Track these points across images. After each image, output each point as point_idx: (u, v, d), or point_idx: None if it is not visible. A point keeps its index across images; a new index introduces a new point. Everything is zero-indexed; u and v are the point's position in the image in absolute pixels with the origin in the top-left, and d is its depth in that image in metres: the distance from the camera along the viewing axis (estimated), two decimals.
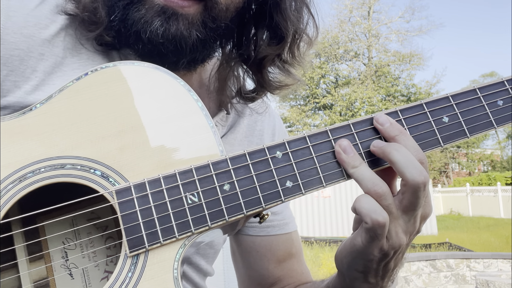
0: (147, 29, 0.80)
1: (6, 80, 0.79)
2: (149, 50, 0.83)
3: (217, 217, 0.70)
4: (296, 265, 1.14)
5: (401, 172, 0.71)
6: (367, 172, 0.73)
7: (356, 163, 0.73)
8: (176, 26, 0.81)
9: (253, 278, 1.14)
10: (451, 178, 39.19)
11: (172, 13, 0.81)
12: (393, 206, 0.72)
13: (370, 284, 0.80)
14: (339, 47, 33.04)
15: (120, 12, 0.82)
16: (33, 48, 0.80)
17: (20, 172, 0.69)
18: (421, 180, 0.70)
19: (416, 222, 0.75)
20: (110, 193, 0.69)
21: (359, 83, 32.29)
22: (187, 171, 0.71)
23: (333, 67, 33.63)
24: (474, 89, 0.83)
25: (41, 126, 0.71)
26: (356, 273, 0.79)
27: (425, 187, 0.71)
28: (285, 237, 1.12)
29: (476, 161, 40.80)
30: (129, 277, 0.67)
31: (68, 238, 0.76)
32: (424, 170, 0.71)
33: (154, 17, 0.80)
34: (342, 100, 31.55)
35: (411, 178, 0.70)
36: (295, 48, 0.99)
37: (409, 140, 0.75)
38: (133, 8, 0.81)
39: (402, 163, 0.71)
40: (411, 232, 0.75)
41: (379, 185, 0.71)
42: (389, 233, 0.72)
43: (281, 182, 0.73)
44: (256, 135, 1.10)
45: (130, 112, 0.73)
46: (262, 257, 1.11)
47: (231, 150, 1.01)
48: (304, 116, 32.62)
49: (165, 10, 0.80)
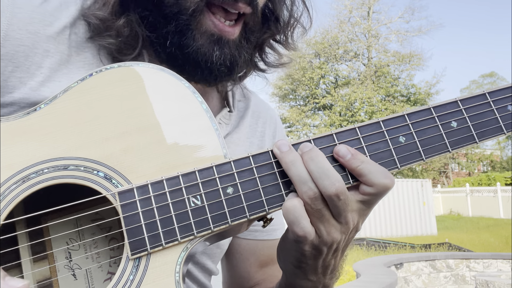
0: (209, 58, 0.85)
1: (12, 76, 0.79)
2: (208, 73, 0.88)
3: (220, 220, 0.70)
4: (277, 271, 1.13)
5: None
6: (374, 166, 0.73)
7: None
8: (230, 52, 0.87)
9: (234, 278, 1.16)
10: (450, 178, 39.19)
11: (227, 41, 0.86)
12: (325, 209, 0.71)
13: (312, 282, 0.80)
14: (339, 47, 33.00)
15: (176, 37, 0.84)
16: (38, 45, 0.81)
17: (23, 172, 0.69)
18: (332, 191, 0.69)
19: (348, 223, 0.73)
20: (113, 195, 0.69)
21: (358, 83, 32.26)
22: (190, 173, 0.71)
23: (333, 67, 33.60)
24: (483, 94, 0.82)
25: (45, 127, 0.71)
26: (292, 268, 0.79)
27: (338, 198, 0.69)
28: (271, 243, 1.12)
29: (476, 161, 40.79)
30: (131, 280, 0.67)
31: (72, 239, 0.76)
32: (341, 180, 0.70)
33: (211, 45, 0.85)
34: (342, 101, 31.51)
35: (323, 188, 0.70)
36: (289, 32, 1.02)
37: (373, 167, 0.73)
38: (189, 35, 0.84)
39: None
40: (344, 231, 0.74)
41: (311, 188, 0.70)
42: (320, 232, 0.72)
43: (284, 185, 0.73)
44: (257, 136, 1.11)
45: (134, 114, 0.73)
46: (244, 260, 1.12)
47: (237, 150, 1.02)
48: (304, 116, 32.59)
49: (219, 38, 0.85)
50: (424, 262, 9.09)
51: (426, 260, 9.12)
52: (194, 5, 0.82)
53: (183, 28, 0.83)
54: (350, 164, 0.73)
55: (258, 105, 1.15)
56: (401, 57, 32.59)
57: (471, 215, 23.93)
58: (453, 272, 9.14)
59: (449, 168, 39.83)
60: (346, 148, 0.74)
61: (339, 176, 0.70)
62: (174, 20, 0.83)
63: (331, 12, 33.58)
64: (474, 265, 9.12)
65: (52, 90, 0.80)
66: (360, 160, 0.72)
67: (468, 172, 40.93)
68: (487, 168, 41.90)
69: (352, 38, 33.68)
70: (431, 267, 9.10)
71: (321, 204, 0.70)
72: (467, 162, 40.64)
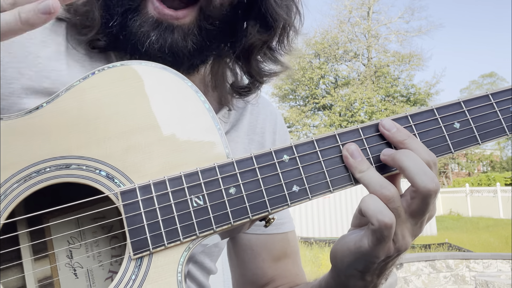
0: (144, 42, 0.81)
1: (9, 67, 0.79)
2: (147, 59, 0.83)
3: (222, 220, 0.70)
4: (290, 265, 1.13)
5: (412, 179, 0.70)
6: (374, 175, 0.72)
7: (363, 167, 0.73)
8: (172, 38, 0.82)
9: (247, 277, 1.14)
10: (450, 178, 39.19)
11: (167, 26, 0.81)
12: (401, 209, 0.71)
13: (366, 282, 0.79)
14: (339, 47, 33.00)
15: (119, 19, 0.82)
16: (34, 35, 0.81)
17: (25, 171, 0.69)
18: (432, 187, 0.69)
19: (422, 225, 0.74)
20: (115, 194, 0.69)
21: (358, 83, 32.26)
22: (193, 173, 0.71)
23: (333, 67, 33.60)
24: (486, 95, 0.82)
25: (46, 126, 0.71)
26: (355, 272, 0.78)
27: (436, 194, 0.70)
28: (281, 237, 1.12)
29: (476, 161, 40.78)
30: (133, 279, 0.67)
31: (74, 238, 0.76)
32: (435, 177, 0.70)
33: (149, 30, 0.81)
34: (342, 101, 31.51)
35: (422, 185, 0.69)
36: (285, 37, 0.99)
37: (418, 144, 0.74)
38: (130, 17, 0.81)
39: (412, 170, 0.70)
40: (416, 235, 0.75)
41: (388, 188, 0.70)
42: (396, 236, 0.71)
43: (287, 186, 0.73)
44: (257, 133, 1.10)
45: (136, 113, 0.73)
46: (256, 255, 1.11)
47: (235, 148, 1.02)
48: (304, 116, 32.58)
49: (159, 23, 0.81)
50: (424, 262, 9.09)
51: (426, 260, 9.12)
52: None
53: (126, 10, 0.81)
54: (395, 136, 0.74)
55: (258, 101, 1.14)
56: (401, 57, 32.59)
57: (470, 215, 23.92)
58: (453, 272, 9.14)
59: (449, 168, 39.84)
60: (392, 122, 0.75)
61: (432, 173, 0.70)
62: (121, 1, 0.81)
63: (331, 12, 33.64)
64: (474, 265, 9.13)
65: (51, 79, 0.80)
66: (406, 134, 0.74)
67: (468, 172, 40.93)
68: (487, 168, 41.90)
69: (352, 38, 33.69)
70: (431, 267, 9.10)
71: (399, 202, 0.70)
72: (467, 162, 40.64)
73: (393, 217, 0.69)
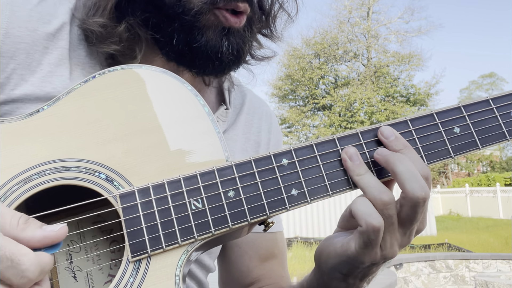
0: (218, 51, 0.85)
1: (14, 73, 0.81)
2: (213, 66, 0.89)
3: (221, 223, 0.70)
4: (276, 266, 1.13)
5: (402, 184, 0.70)
6: (372, 180, 0.72)
7: (361, 171, 0.72)
8: (235, 40, 0.87)
9: (232, 274, 1.14)
10: (450, 178, 39.22)
11: (231, 31, 0.86)
12: (396, 217, 0.70)
13: (348, 284, 0.80)
14: (338, 47, 33.00)
15: (182, 35, 0.85)
16: (38, 42, 0.82)
17: (25, 173, 0.69)
18: (421, 195, 0.68)
19: (411, 236, 0.74)
20: (114, 197, 0.69)
21: (358, 83, 32.25)
22: (192, 176, 0.71)
23: (332, 67, 33.59)
24: (487, 100, 0.81)
25: (47, 128, 0.71)
26: (337, 274, 0.78)
27: (424, 203, 0.69)
28: (269, 236, 1.12)
29: (475, 161, 40.80)
30: (131, 282, 0.67)
31: (73, 241, 0.76)
32: (426, 185, 0.69)
33: (219, 37, 0.86)
34: (341, 101, 31.50)
35: (411, 191, 0.68)
36: (273, 23, 1.02)
37: (414, 155, 0.73)
38: (196, 30, 0.84)
39: (404, 175, 0.69)
40: (404, 245, 0.74)
41: (386, 193, 0.70)
42: (384, 243, 0.71)
43: (286, 189, 0.72)
44: (253, 132, 1.12)
45: (136, 116, 0.74)
46: (243, 253, 1.11)
47: (233, 146, 1.04)
48: (303, 116, 32.58)
49: (226, 29, 0.86)
50: (424, 263, 9.10)
51: (425, 261, 9.13)
52: (197, 6, 0.82)
53: (188, 26, 0.84)
54: (392, 145, 0.74)
55: (253, 101, 1.16)
56: (400, 57, 32.58)
57: (470, 215, 23.93)
58: (453, 273, 9.15)
59: (449, 168, 39.86)
60: (391, 129, 0.75)
61: (423, 181, 0.70)
62: (178, 19, 0.83)
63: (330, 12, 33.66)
64: (473, 266, 9.14)
65: (53, 85, 0.82)
66: (403, 144, 0.74)
67: (468, 172, 40.95)
68: (487, 168, 41.92)
69: (352, 39, 33.68)
70: (431, 268, 9.11)
71: (394, 210, 0.70)
72: (466, 162, 40.65)
73: (382, 221, 0.69)
